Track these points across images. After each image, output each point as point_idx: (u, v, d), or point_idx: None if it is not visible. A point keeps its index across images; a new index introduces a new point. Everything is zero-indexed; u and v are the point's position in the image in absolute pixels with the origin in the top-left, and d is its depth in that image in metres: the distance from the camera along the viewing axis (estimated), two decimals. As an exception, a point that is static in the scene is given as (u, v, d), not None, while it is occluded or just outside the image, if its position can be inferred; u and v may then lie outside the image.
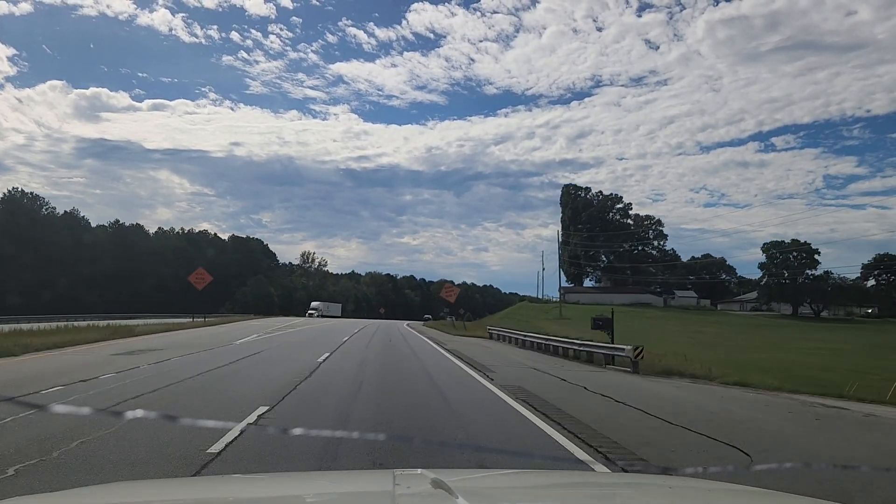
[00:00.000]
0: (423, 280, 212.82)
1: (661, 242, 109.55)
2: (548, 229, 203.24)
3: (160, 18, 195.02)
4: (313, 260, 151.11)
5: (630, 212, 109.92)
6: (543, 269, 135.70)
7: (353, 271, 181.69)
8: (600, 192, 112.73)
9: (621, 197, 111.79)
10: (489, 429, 8.74)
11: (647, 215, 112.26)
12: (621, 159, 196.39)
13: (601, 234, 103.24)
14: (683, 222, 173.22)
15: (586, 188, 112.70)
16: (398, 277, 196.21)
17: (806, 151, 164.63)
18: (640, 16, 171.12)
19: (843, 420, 10.85)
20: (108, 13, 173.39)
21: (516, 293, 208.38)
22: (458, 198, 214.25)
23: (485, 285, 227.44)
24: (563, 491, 2.39)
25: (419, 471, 2.04)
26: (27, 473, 5.40)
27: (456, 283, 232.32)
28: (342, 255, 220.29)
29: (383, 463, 5.97)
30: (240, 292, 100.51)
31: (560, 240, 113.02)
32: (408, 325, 63.16)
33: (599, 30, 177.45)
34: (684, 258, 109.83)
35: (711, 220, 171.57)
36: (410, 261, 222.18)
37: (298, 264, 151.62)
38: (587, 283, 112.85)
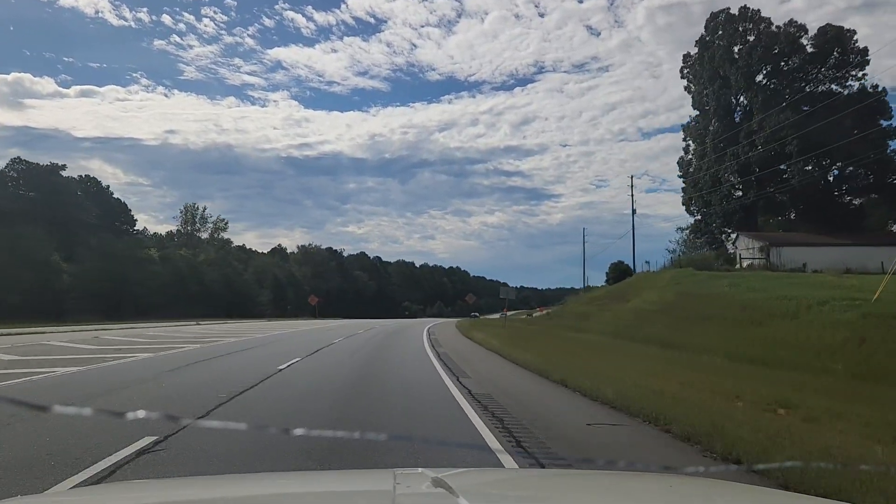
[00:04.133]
0: (379, 259, 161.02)
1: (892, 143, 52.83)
2: (494, 217, 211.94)
3: (85, 0, 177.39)
4: (202, 218, 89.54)
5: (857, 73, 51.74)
6: (634, 211, 74.75)
7: (278, 244, 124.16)
8: (793, 18, 53.96)
9: (852, 30, 51.95)
10: None
11: (864, 87, 52.78)
12: (565, 146, 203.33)
13: (796, 113, 47.59)
14: (625, 208, 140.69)
15: (755, 10, 53.05)
16: (344, 255, 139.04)
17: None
18: (581, 1, 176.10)
19: None
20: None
21: (483, 277, 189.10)
22: (402, 185, 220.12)
23: (451, 268, 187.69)
24: (562, 490, 2.30)
25: (419, 470, 1.98)
26: None
27: (420, 265, 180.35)
28: (287, 246, 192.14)
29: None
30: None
31: (689, 132, 56.94)
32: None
33: (541, 15, 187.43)
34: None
35: (655, 206, 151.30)
36: (356, 249, 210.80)
37: (178, 229, 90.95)
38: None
